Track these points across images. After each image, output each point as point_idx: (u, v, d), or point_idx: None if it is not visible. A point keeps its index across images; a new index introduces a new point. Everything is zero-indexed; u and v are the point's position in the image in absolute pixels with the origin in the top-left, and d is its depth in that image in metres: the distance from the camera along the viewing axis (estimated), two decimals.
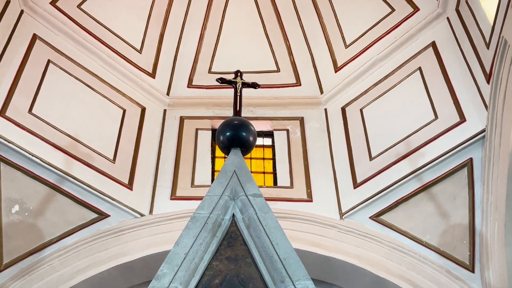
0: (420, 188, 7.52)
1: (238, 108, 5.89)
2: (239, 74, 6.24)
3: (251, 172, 8.63)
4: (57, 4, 8.61)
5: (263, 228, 4.59)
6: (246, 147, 5.53)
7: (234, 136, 5.48)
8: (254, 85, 6.27)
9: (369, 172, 8.10)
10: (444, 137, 7.40)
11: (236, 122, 5.61)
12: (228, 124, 5.59)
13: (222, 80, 6.20)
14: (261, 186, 8.43)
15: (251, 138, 5.52)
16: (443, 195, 7.42)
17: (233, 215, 4.89)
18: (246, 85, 6.19)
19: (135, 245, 7.74)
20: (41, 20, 8.37)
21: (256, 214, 4.74)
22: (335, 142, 8.96)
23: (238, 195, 4.96)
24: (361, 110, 8.85)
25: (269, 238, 4.51)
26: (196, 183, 8.53)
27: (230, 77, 6.34)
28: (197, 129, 9.28)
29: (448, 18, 8.22)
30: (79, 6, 8.88)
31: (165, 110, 9.52)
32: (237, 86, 6.09)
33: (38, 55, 8.06)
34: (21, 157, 7.18)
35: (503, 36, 6.41)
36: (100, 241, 7.74)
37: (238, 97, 6.01)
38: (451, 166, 7.27)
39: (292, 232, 7.65)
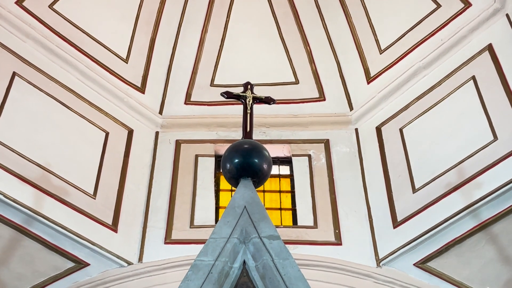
0: (477, 227, 7.46)
1: (248, 129, 5.92)
2: (249, 86, 6.26)
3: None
4: (24, 4, 8.71)
5: (282, 279, 4.55)
6: (259, 177, 5.52)
7: (244, 164, 5.49)
8: (269, 100, 6.29)
9: (413, 208, 8.06)
10: (506, 163, 7.34)
11: (246, 146, 5.62)
12: (236, 148, 5.60)
13: (228, 95, 6.23)
14: (277, 226, 8.38)
15: (265, 166, 5.52)
16: (506, 235, 7.38)
17: (244, 262, 4.86)
18: (258, 100, 6.22)
19: None
20: (4, 23, 8.44)
21: (272, 260, 4.70)
22: (369, 171, 8.97)
23: (250, 238, 4.94)
24: (400, 130, 8.86)
25: None
26: (196, 223, 8.53)
27: (238, 90, 6.37)
28: (197, 156, 9.32)
29: (507, 15, 8.22)
30: (51, 6, 8.99)
31: (157, 133, 9.60)
32: (247, 102, 6.12)
33: (1, 67, 8.12)
34: None
35: None
36: None
37: (249, 115, 6.03)
38: None
39: (317, 283, 7.63)
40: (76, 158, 8.34)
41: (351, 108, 9.70)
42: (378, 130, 9.20)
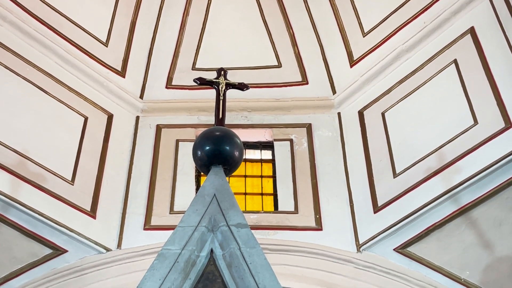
0: (457, 212, 7.50)
1: (221, 116, 5.92)
2: (222, 72, 6.25)
3: (245, 193, 8.73)
4: None
5: (248, 267, 4.55)
6: (230, 165, 5.51)
7: (215, 151, 5.46)
8: (242, 87, 6.29)
9: (393, 193, 8.10)
10: (486, 147, 7.37)
11: (217, 133, 5.61)
12: (207, 135, 5.59)
13: (201, 81, 6.23)
14: (258, 211, 8.54)
15: (236, 153, 5.51)
16: (486, 220, 7.42)
17: (211, 251, 4.85)
18: (231, 86, 6.21)
19: (99, 287, 7.75)
20: None
21: (239, 249, 4.69)
22: (351, 155, 9.00)
23: (218, 226, 4.92)
24: (382, 114, 8.88)
25: (254, 279, 4.46)
26: (176, 208, 8.55)
27: (213, 76, 6.37)
28: (177, 141, 9.34)
29: None
30: None
31: (137, 117, 9.61)
32: (220, 88, 6.11)
33: None
34: None
35: None
36: (56, 283, 7.79)
37: (221, 101, 6.03)
38: (495, 184, 7.24)
39: (297, 269, 7.72)
40: (54, 143, 8.33)
41: (334, 92, 9.70)
42: (361, 114, 9.21)
